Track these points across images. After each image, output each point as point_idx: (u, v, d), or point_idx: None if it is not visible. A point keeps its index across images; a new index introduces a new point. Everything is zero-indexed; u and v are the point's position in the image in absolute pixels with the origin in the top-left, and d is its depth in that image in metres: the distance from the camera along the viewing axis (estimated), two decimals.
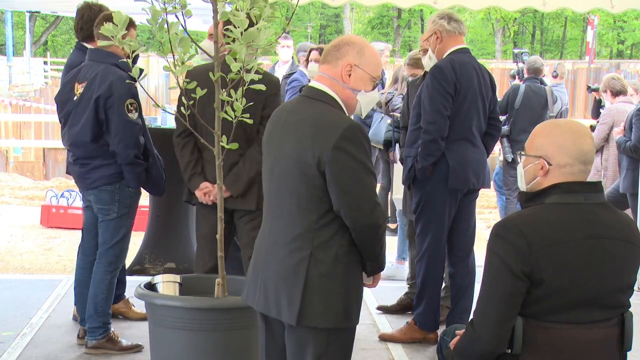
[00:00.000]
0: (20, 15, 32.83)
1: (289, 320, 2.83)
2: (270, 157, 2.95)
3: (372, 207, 2.81)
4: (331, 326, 2.82)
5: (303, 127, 2.83)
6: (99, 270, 4.67)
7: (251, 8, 3.48)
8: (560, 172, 2.66)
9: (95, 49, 4.65)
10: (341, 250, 2.82)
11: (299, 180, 2.81)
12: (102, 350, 4.67)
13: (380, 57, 9.76)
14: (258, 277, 2.94)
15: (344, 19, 39.64)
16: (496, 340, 2.61)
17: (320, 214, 2.80)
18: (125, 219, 4.68)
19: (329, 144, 2.75)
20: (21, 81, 24.02)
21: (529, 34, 43.98)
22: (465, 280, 4.98)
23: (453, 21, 4.85)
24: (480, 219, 9.36)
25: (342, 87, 2.91)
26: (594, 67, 21.68)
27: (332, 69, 2.92)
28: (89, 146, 4.58)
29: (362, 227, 2.81)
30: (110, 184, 4.60)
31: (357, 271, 2.90)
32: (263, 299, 2.90)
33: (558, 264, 2.55)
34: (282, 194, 2.87)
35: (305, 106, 2.91)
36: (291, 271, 2.82)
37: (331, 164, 2.75)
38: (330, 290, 2.81)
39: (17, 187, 11.91)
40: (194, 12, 3.62)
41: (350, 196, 2.77)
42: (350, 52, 2.91)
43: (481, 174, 4.88)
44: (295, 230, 2.83)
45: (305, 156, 2.79)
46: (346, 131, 2.77)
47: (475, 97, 4.82)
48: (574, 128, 2.69)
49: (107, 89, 4.46)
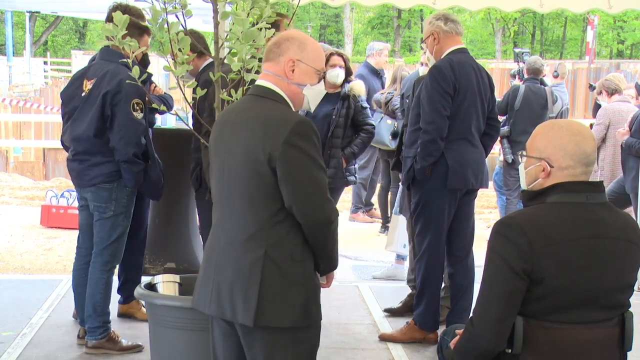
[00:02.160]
0: (20, 15, 32.82)
1: (245, 321, 2.77)
2: (219, 158, 2.92)
3: (324, 203, 2.78)
4: (289, 325, 2.78)
5: (252, 124, 2.81)
6: (95, 270, 4.66)
7: (252, 8, 3.48)
8: (562, 174, 2.65)
9: (107, 48, 4.64)
10: (296, 248, 2.79)
11: (250, 178, 2.78)
12: (102, 350, 4.67)
13: (380, 57, 9.80)
14: (209, 280, 2.89)
15: (344, 19, 39.62)
16: (495, 338, 2.61)
17: (272, 212, 2.77)
18: (121, 219, 4.68)
19: (279, 140, 2.73)
20: (21, 81, 24.01)
21: (529, 34, 43.96)
22: (465, 280, 4.98)
23: (450, 22, 4.85)
24: (480, 219, 9.36)
25: (287, 83, 2.90)
26: (594, 67, 21.67)
27: (275, 65, 2.91)
28: (91, 141, 4.59)
29: (314, 223, 2.78)
30: (108, 182, 4.60)
31: (312, 269, 2.86)
32: (216, 302, 2.85)
33: (559, 263, 2.55)
34: (234, 193, 2.84)
35: (253, 104, 2.90)
36: (246, 271, 2.77)
37: (282, 160, 2.73)
38: (286, 289, 2.77)
39: (17, 187, 11.90)
40: (194, 12, 3.63)
41: (301, 192, 2.75)
42: (291, 47, 2.90)
43: (480, 174, 4.89)
44: (249, 230, 2.79)
45: (255, 153, 2.76)
46: (296, 126, 2.75)
47: (474, 97, 4.82)
48: (576, 129, 2.68)
49: (116, 86, 4.49)
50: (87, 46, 41.12)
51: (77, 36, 44.32)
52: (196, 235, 6.47)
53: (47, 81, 24.16)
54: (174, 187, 6.15)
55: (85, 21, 38.86)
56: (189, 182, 6.18)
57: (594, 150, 2.69)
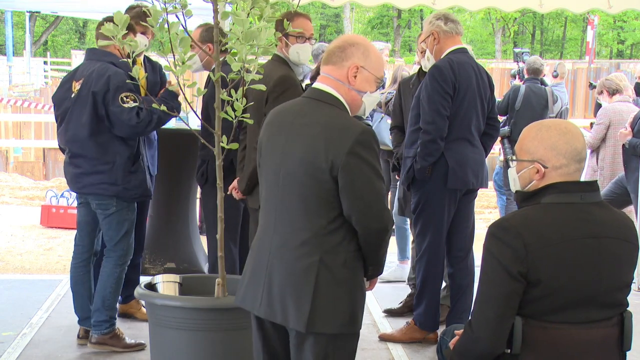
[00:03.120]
0: (20, 15, 32.82)
1: (297, 327, 2.79)
2: (273, 160, 2.89)
3: (382, 212, 2.80)
4: (338, 332, 2.80)
5: (313, 130, 2.79)
6: (109, 264, 4.68)
7: (252, 8, 3.48)
8: (557, 173, 2.66)
9: (93, 49, 4.71)
10: (349, 256, 2.80)
11: (309, 185, 2.78)
12: (106, 346, 4.69)
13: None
14: (260, 281, 2.88)
15: (344, 19, 39.62)
16: (494, 340, 2.61)
17: (329, 219, 2.78)
18: (125, 213, 4.69)
19: (343, 149, 2.72)
20: (21, 81, 23.99)
21: (529, 34, 43.96)
22: (465, 280, 4.98)
23: (450, 21, 4.85)
24: (480, 219, 9.36)
25: (347, 88, 2.88)
26: (594, 67, 21.66)
27: (337, 70, 2.89)
28: (86, 142, 4.60)
29: (372, 232, 2.79)
30: (100, 192, 4.61)
31: (361, 276, 2.89)
32: (267, 305, 2.85)
33: (555, 264, 2.55)
34: (289, 197, 2.83)
35: (312, 109, 2.87)
36: (299, 277, 2.78)
37: (345, 170, 2.73)
38: (338, 296, 2.78)
39: (17, 187, 11.91)
40: (195, 12, 3.62)
41: (362, 202, 2.75)
42: (356, 53, 2.88)
43: (480, 174, 4.89)
44: (303, 235, 2.79)
45: (317, 161, 2.75)
46: (360, 136, 2.75)
47: (474, 97, 4.82)
48: (564, 127, 2.68)
49: (104, 84, 4.51)
50: (87, 46, 41.05)
51: (77, 36, 44.32)
52: (196, 235, 6.46)
53: (47, 81, 24.14)
54: (174, 187, 6.15)
55: (85, 21, 38.84)
56: (189, 182, 6.19)
57: (584, 146, 2.70)
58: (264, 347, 2.99)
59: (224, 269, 3.73)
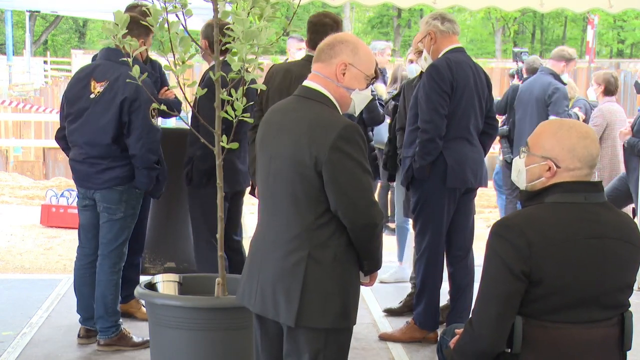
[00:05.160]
0: (20, 15, 32.82)
1: (287, 322, 2.81)
2: (265, 157, 2.94)
3: (369, 207, 2.80)
4: (329, 326, 2.82)
5: (299, 127, 2.82)
6: (104, 271, 4.67)
7: (252, 8, 3.48)
8: (568, 175, 2.65)
9: (111, 49, 4.63)
10: (339, 250, 2.82)
11: (296, 181, 2.80)
12: (115, 347, 4.72)
13: (382, 57, 9.77)
14: (254, 278, 2.93)
15: (344, 18, 39.56)
16: (495, 338, 2.61)
17: (317, 214, 2.80)
18: (130, 220, 4.71)
19: (326, 145, 2.74)
20: (21, 81, 23.99)
21: (529, 33, 43.95)
22: (465, 280, 4.98)
23: (447, 21, 4.85)
24: (480, 218, 9.36)
25: (336, 86, 2.90)
26: (594, 66, 21.65)
27: (326, 67, 2.91)
28: (107, 147, 4.59)
29: (360, 227, 2.80)
30: (120, 184, 4.61)
31: (354, 271, 2.90)
32: (260, 301, 2.89)
33: (558, 263, 2.55)
34: (279, 194, 2.86)
35: (300, 106, 2.90)
36: (289, 272, 2.81)
37: (328, 164, 2.75)
38: (328, 290, 2.80)
39: (17, 187, 11.90)
40: (195, 12, 3.62)
41: (347, 196, 2.77)
42: (345, 50, 2.90)
43: (479, 173, 4.89)
44: (293, 231, 2.82)
45: (301, 156, 2.78)
46: (343, 131, 2.76)
47: (472, 96, 4.82)
48: (584, 131, 2.67)
49: (134, 92, 4.47)
50: (87, 45, 41.10)
51: (77, 35, 44.30)
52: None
53: (47, 81, 24.14)
54: (173, 187, 6.14)
55: (85, 20, 38.84)
56: None
57: (599, 152, 2.70)
58: (263, 343, 3.00)
59: (224, 269, 3.74)
